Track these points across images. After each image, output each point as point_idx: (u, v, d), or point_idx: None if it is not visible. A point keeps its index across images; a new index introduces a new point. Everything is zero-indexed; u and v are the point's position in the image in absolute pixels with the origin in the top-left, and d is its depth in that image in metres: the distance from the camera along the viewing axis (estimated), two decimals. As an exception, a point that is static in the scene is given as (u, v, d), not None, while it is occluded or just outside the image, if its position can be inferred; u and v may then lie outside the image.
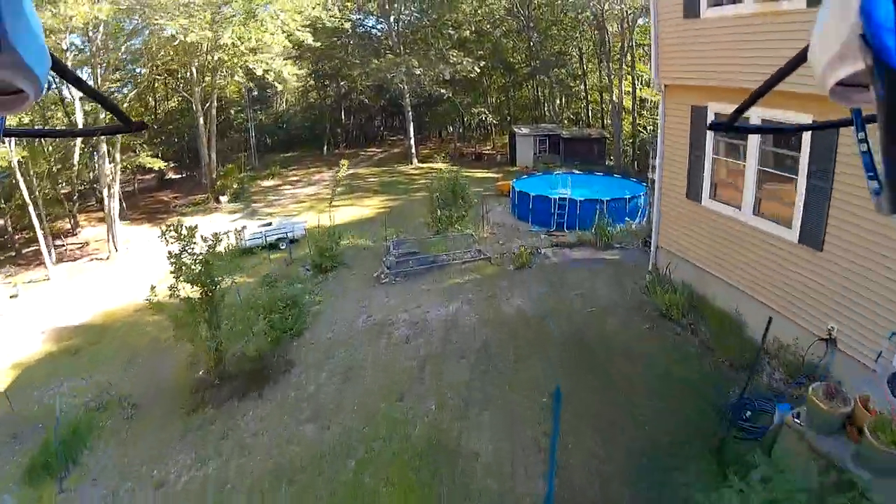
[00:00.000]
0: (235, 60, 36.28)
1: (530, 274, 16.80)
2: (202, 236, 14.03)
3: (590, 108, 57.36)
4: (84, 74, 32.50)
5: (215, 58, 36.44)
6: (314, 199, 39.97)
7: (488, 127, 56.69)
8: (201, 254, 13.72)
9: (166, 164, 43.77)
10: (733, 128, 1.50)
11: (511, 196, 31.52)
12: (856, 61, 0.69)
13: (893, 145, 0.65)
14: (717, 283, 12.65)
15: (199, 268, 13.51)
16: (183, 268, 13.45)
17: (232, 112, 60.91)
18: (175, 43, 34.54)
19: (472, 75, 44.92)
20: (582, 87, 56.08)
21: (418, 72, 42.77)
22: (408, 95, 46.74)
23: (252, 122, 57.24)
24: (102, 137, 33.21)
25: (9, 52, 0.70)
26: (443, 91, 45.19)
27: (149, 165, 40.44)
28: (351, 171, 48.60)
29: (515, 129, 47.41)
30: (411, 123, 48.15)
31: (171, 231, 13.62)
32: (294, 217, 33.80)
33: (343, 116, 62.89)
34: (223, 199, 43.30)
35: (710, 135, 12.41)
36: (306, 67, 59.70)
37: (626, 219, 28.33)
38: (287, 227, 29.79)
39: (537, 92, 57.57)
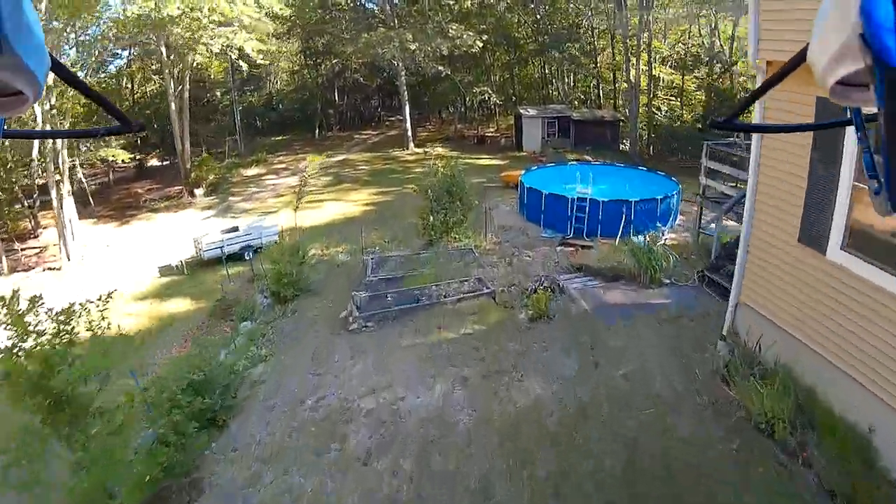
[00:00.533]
0: (190, 34, 30.85)
1: (551, 330, 11.83)
2: (49, 312, 8.84)
3: (601, 87, 51.72)
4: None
5: (174, 32, 31.05)
6: (296, 192, 34.98)
7: (491, 108, 51.16)
8: (41, 342, 8.52)
9: (132, 155, 38.87)
10: (733, 126, 1.41)
11: (519, 192, 26.49)
12: (856, 61, 0.68)
13: (893, 145, 0.65)
14: (845, 383, 7.75)
15: (37, 368, 8.30)
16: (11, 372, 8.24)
17: (218, 94, 55.72)
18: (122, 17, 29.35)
19: (474, 51, 39.44)
20: (592, 64, 50.38)
21: (413, 47, 37.34)
22: (403, 74, 41.38)
23: (237, 104, 51.97)
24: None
25: (8, 54, 0.68)
26: (440, 68, 39.77)
27: (111, 158, 35.46)
28: (341, 158, 43.66)
29: (521, 111, 42.06)
30: (407, 105, 42.84)
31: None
32: (269, 216, 28.83)
33: (336, 97, 57.41)
34: (198, 192, 38.42)
35: (848, 144, 7.42)
36: (296, 44, 54.48)
37: (659, 225, 23.32)
38: (255, 231, 24.87)
39: (544, 70, 51.89)
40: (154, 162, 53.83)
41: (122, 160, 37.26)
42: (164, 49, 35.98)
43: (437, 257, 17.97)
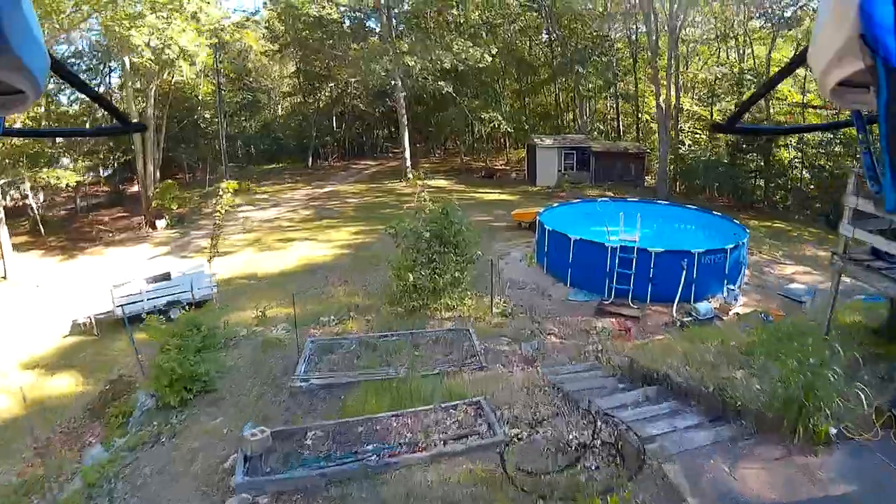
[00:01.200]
0: (117, 29, 24.47)
1: None
2: None
3: (619, 117, 45.43)
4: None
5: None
6: (268, 228, 28.55)
7: (501, 138, 44.90)
8: None
9: (84, 176, 32.73)
10: (734, 129, 1.33)
11: (537, 236, 19.90)
12: (856, 61, 0.68)
13: (893, 145, 0.64)
14: None
15: None
16: None
17: (207, 115, 50.11)
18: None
19: (482, 65, 33.31)
20: (611, 90, 44.21)
21: (411, 62, 31.25)
22: (401, 94, 35.21)
23: (224, 128, 46.03)
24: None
25: (8, 54, 0.67)
26: (442, 85, 33.57)
27: (55, 182, 29.28)
28: (329, 189, 37.31)
29: (536, 140, 35.74)
30: (406, 130, 36.57)
31: None
32: (220, 259, 22.25)
33: (335, 124, 51.43)
34: (160, 223, 32.07)
35: None
36: (291, 65, 48.86)
37: (727, 285, 16.59)
38: (185, 283, 18.28)
39: (559, 97, 45.69)
40: (136, 188, 48.18)
41: (72, 183, 30.98)
42: (126, 61, 30.05)
43: (411, 344, 11.26)
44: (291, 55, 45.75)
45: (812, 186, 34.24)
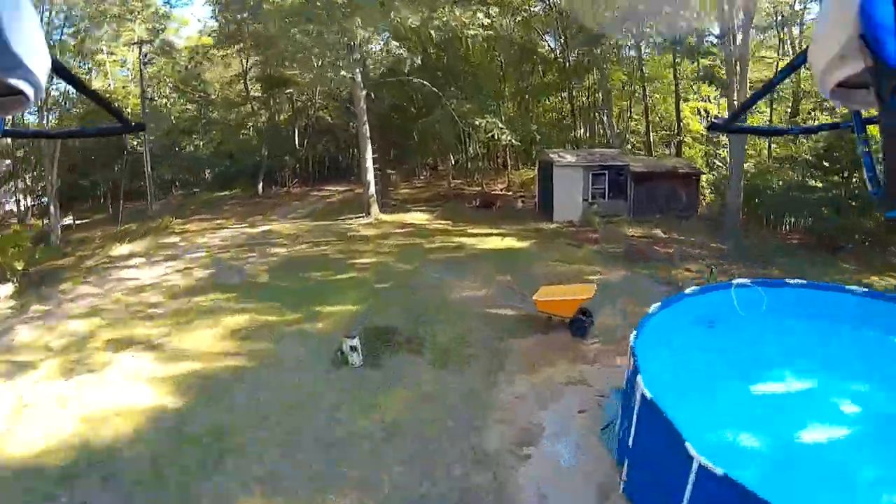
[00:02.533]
0: None
1: None
2: None
3: (650, 127, 33.75)
4: None
5: None
6: (122, 310, 16.83)
7: (502, 153, 32.98)
8: None
9: None
10: (732, 128, 1.39)
11: (619, 405, 7.76)
12: (856, 62, 0.66)
13: (893, 145, 0.63)
14: None
15: None
16: None
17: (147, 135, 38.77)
18: None
19: (473, 32, 21.69)
20: (642, 94, 32.67)
21: (365, 32, 19.71)
22: (361, 92, 23.61)
23: (147, 148, 34.56)
24: None
25: (8, 54, 0.66)
26: (413, 61, 21.91)
27: None
28: (265, 228, 25.59)
29: (553, 157, 24.09)
30: (368, 144, 24.78)
31: None
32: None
33: (296, 142, 39.63)
34: (2, 290, 20.46)
35: None
36: (236, 65, 37.33)
37: None
38: None
39: (573, 102, 33.90)
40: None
41: None
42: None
43: None
44: (240, 52, 34.30)
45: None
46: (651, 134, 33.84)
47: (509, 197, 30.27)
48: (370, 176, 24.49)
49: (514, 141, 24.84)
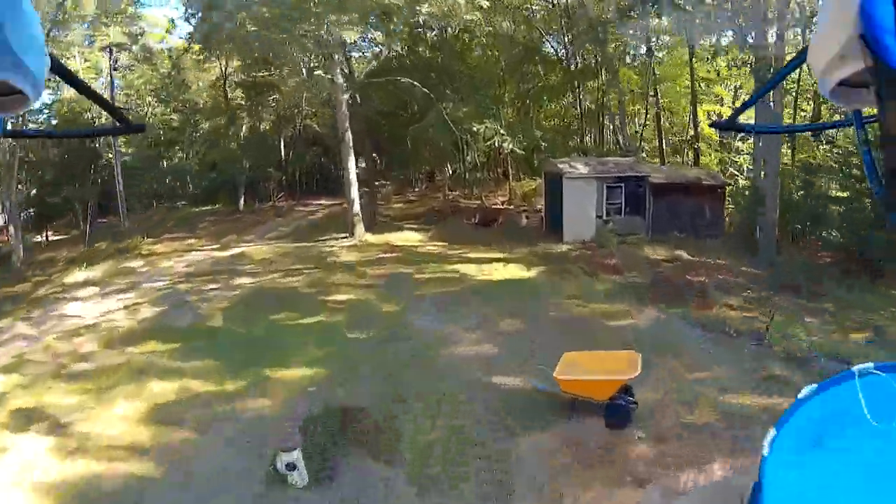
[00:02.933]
0: None
1: None
2: None
3: (661, 131, 30.44)
4: None
5: None
6: (64, 361, 13.57)
7: (502, 163, 29.57)
8: None
9: None
10: (733, 127, 1.36)
11: None
12: (856, 61, 0.64)
13: (893, 145, 0.61)
14: None
15: None
16: None
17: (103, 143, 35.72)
18: None
19: (469, 17, 18.45)
20: (655, 98, 29.42)
21: (343, 17, 16.53)
22: (343, 94, 20.43)
23: (118, 158, 31.51)
24: None
25: (8, 54, 0.64)
26: (408, 81, 18.83)
27: None
28: (237, 251, 22.42)
29: (562, 167, 20.79)
30: (351, 154, 21.56)
31: None
32: None
33: (282, 152, 36.35)
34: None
35: None
36: (215, 69, 34.20)
37: None
38: None
39: (582, 107, 30.59)
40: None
41: None
42: None
43: None
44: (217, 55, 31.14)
45: None
46: (663, 140, 30.61)
47: (511, 211, 26.98)
48: (354, 192, 21.24)
49: (516, 149, 21.59)
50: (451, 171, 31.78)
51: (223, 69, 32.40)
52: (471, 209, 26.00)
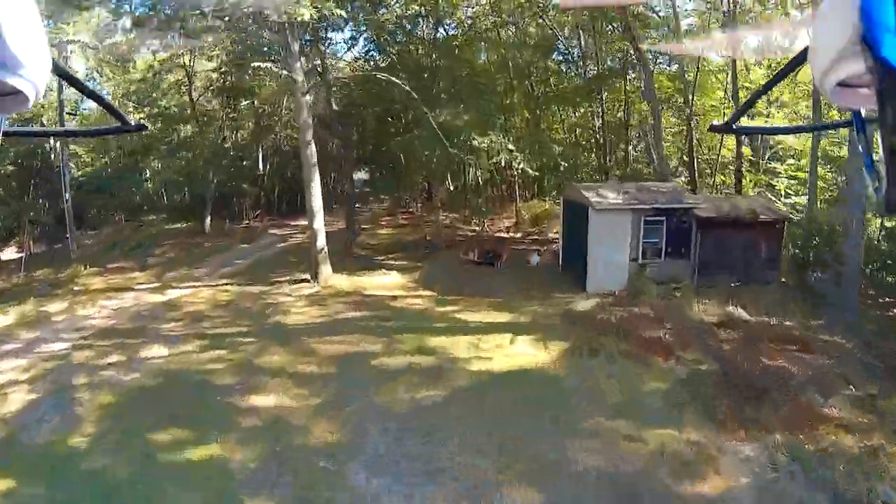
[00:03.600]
0: None
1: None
2: None
3: (695, 154, 25.10)
4: None
5: None
6: None
7: (510, 181, 24.11)
8: None
9: None
10: (733, 129, 1.31)
11: None
12: (856, 62, 0.64)
13: (893, 145, 0.61)
14: None
15: None
16: None
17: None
18: None
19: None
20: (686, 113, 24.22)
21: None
22: (304, 97, 15.46)
23: (65, 172, 26.73)
24: None
25: (9, 54, 0.64)
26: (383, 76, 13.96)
27: None
28: (172, 295, 17.52)
29: (587, 194, 15.57)
30: (315, 172, 16.57)
31: None
32: None
33: (260, 166, 31.37)
34: None
35: None
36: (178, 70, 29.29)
37: None
38: None
39: (603, 116, 25.33)
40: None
41: None
42: None
43: None
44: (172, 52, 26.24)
45: None
46: (695, 161, 25.30)
47: (518, 241, 21.86)
48: (319, 221, 16.16)
49: (529, 169, 16.50)
50: (452, 186, 26.58)
51: (188, 70, 27.44)
52: (470, 238, 20.83)
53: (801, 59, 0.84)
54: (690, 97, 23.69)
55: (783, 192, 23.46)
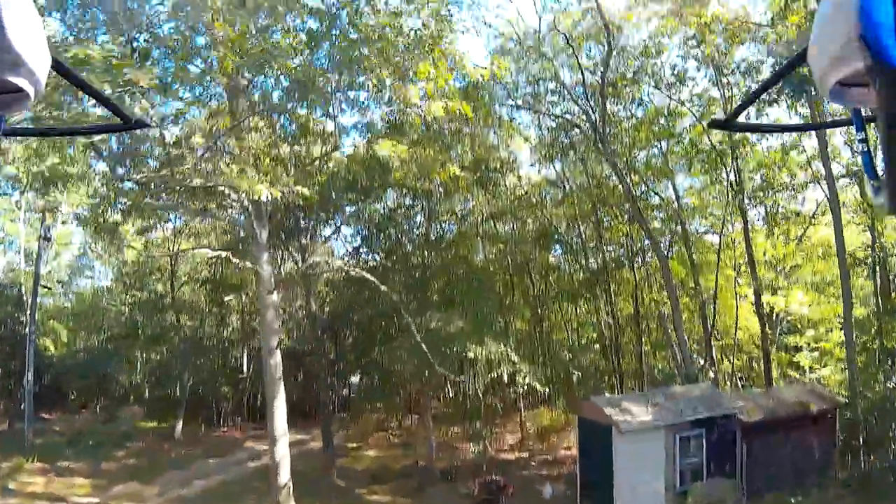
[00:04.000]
0: None
1: None
2: None
3: (711, 341, 22.72)
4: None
5: None
6: None
7: (515, 393, 21.08)
8: None
9: None
10: (732, 126, 1.32)
11: None
12: (856, 61, 0.63)
13: (893, 144, 0.59)
14: None
15: None
16: None
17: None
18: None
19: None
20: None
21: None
22: (266, 270, 13.44)
23: (30, 343, 24.01)
24: None
25: (8, 52, 0.63)
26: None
27: None
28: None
29: (611, 412, 12.79)
30: (280, 387, 13.70)
31: None
32: None
33: (246, 368, 28.62)
34: None
35: None
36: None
37: None
38: None
39: (613, 312, 23.26)
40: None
41: None
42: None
43: None
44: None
45: None
46: (713, 350, 22.87)
47: (525, 461, 18.41)
48: (281, 448, 13.08)
49: (536, 384, 14.07)
50: (452, 393, 23.50)
51: (171, 256, 25.95)
52: (468, 465, 17.35)
53: (800, 58, 0.80)
54: (697, 277, 22.02)
55: (808, 368, 21.05)
